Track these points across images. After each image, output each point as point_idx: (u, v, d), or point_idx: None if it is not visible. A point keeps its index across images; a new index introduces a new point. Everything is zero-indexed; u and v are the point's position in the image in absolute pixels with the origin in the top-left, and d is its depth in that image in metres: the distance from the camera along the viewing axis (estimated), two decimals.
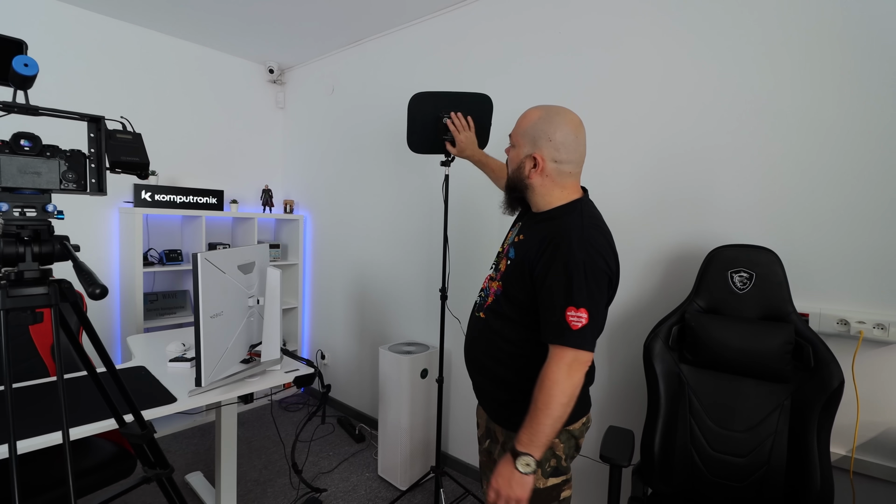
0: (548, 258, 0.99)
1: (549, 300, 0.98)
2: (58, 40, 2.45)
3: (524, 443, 0.95)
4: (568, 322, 0.94)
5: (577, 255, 0.97)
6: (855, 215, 1.35)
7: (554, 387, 0.94)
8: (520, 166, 1.09)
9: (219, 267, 1.38)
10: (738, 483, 1.28)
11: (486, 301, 1.16)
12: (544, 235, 1.03)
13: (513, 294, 1.08)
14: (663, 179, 1.70)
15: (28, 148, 0.86)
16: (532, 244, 1.05)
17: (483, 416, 1.26)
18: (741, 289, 1.36)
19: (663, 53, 1.69)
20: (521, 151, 1.09)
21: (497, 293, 1.13)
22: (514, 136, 1.12)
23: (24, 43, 0.91)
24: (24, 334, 1.68)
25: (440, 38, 2.42)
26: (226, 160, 3.20)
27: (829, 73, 1.39)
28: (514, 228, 1.21)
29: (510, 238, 1.19)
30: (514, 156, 1.12)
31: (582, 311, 0.94)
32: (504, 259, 1.15)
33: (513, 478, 0.95)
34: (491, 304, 1.14)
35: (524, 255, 1.06)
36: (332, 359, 3.18)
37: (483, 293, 1.21)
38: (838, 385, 1.19)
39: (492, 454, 1.23)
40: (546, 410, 0.93)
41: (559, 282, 0.97)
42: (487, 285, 1.20)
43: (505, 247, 1.19)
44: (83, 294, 1.51)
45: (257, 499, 2.11)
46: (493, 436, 1.21)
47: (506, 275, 1.11)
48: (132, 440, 1.12)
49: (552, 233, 1.02)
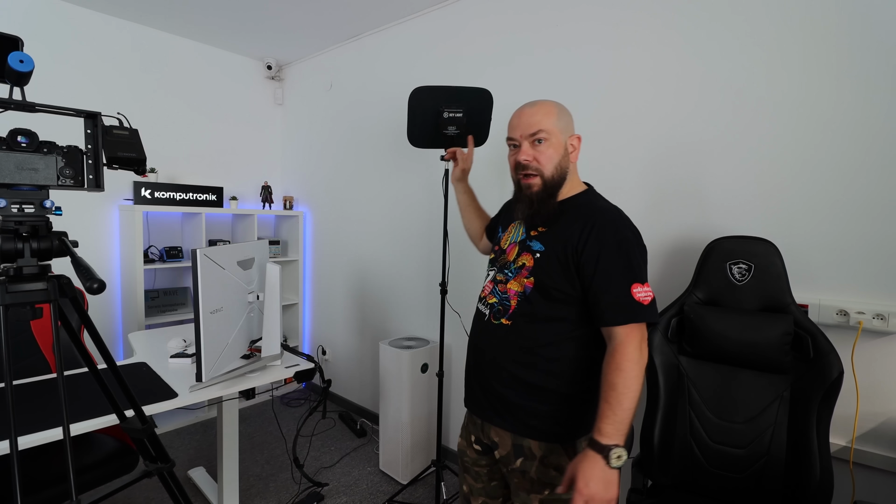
0: (597, 237, 0.97)
1: (609, 282, 0.96)
2: (54, 37, 2.44)
3: (611, 434, 0.89)
4: (637, 299, 0.94)
5: (626, 234, 0.98)
6: (854, 206, 1.35)
7: (633, 367, 0.92)
8: (565, 153, 1.06)
9: (218, 263, 1.38)
10: (737, 474, 1.28)
11: (510, 306, 1.07)
12: (582, 219, 1.01)
13: (554, 287, 1.01)
14: (662, 172, 1.69)
15: (25, 144, 0.86)
16: (568, 229, 1.02)
17: (502, 435, 1.10)
18: (740, 280, 1.36)
19: (661, 46, 1.68)
20: (559, 139, 1.05)
21: (526, 293, 1.04)
22: (548, 129, 1.04)
23: (20, 39, 0.91)
24: (25, 331, 1.68)
25: (439, 33, 2.41)
26: (225, 157, 3.20)
27: (827, 65, 1.38)
28: (518, 224, 1.14)
29: (516, 235, 1.13)
30: (550, 148, 1.05)
31: (647, 286, 0.96)
32: (526, 254, 1.07)
33: (606, 477, 0.88)
34: (519, 308, 1.05)
35: (562, 243, 1.01)
36: (332, 354, 3.19)
37: (499, 298, 1.10)
38: (838, 376, 1.19)
39: (527, 473, 1.07)
40: (628, 394, 0.90)
41: (617, 262, 0.96)
42: (503, 289, 1.09)
43: (512, 244, 1.12)
44: (83, 291, 1.52)
45: (259, 493, 2.13)
46: (525, 453, 1.07)
47: (539, 269, 1.03)
48: (133, 435, 1.13)
49: (590, 215, 1.01)
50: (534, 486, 1.05)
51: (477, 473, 1.21)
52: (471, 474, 1.23)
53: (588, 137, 1.86)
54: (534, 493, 1.06)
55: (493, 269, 1.17)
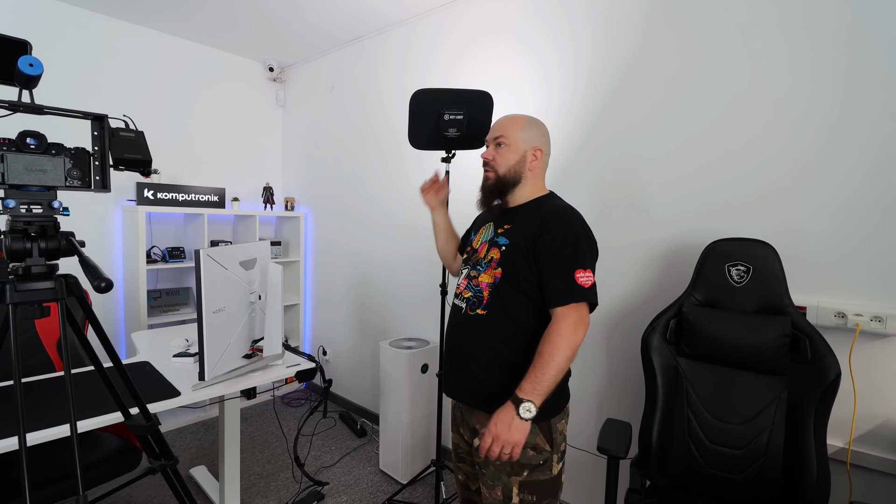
0: (549, 230, 1.11)
1: (557, 266, 1.09)
2: (58, 40, 2.46)
3: (527, 391, 1.02)
4: (578, 282, 1.07)
5: (575, 227, 1.12)
6: (852, 208, 1.36)
7: (561, 340, 1.04)
8: (522, 159, 1.20)
9: (221, 263, 1.39)
10: (734, 475, 1.29)
11: (483, 297, 1.18)
12: (540, 216, 1.15)
13: (518, 274, 1.13)
14: (660, 173, 1.70)
15: (34, 146, 0.87)
16: (528, 224, 1.15)
17: (483, 420, 1.17)
18: (738, 282, 1.37)
19: (663, 48, 1.69)
20: (518, 147, 1.20)
21: (496, 282, 1.16)
22: (508, 136, 1.20)
23: (29, 43, 0.93)
24: (30, 330, 1.70)
25: (440, 36, 2.42)
26: (227, 158, 3.21)
27: (826, 66, 1.39)
28: (487, 226, 1.27)
29: (487, 235, 1.25)
30: (509, 152, 1.20)
31: (588, 272, 1.09)
32: (493, 249, 1.19)
33: (513, 423, 1.01)
34: (491, 298, 1.16)
35: (522, 235, 1.14)
36: (333, 354, 3.20)
37: (473, 291, 1.21)
38: (835, 377, 1.20)
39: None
40: (552, 362, 1.02)
41: (564, 250, 1.09)
42: (475, 283, 1.20)
43: (483, 243, 1.24)
44: (87, 290, 1.54)
45: (260, 492, 2.14)
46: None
47: (505, 260, 1.15)
48: (137, 432, 1.14)
49: (546, 212, 1.15)
50: (513, 467, 1.12)
51: (472, 462, 1.29)
52: (467, 462, 1.32)
53: (588, 140, 1.87)
54: (514, 476, 1.13)
55: (466, 267, 1.28)
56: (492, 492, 1.15)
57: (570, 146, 1.92)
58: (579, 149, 1.90)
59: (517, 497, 1.12)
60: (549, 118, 1.94)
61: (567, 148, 1.92)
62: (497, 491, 1.14)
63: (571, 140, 1.92)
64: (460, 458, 1.34)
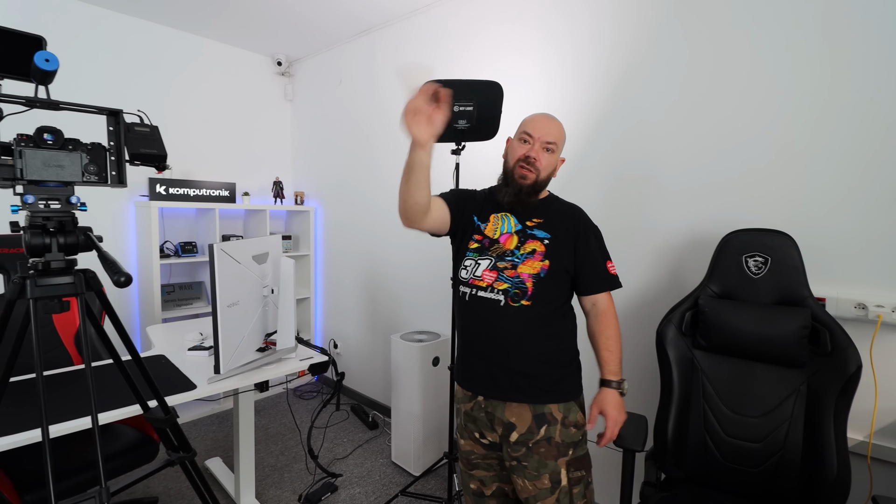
0: (584, 226, 1.25)
1: (594, 259, 1.23)
2: (72, 37, 2.48)
3: (616, 371, 1.19)
4: (612, 272, 1.24)
5: (594, 224, 1.28)
6: (873, 197, 1.33)
7: (616, 321, 1.23)
8: (555, 168, 1.27)
9: (234, 257, 1.40)
10: (752, 468, 1.28)
11: (527, 289, 1.17)
12: (568, 212, 1.27)
13: (563, 266, 1.21)
14: (676, 165, 1.68)
15: (51, 142, 0.88)
16: (564, 221, 1.25)
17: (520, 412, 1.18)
18: (756, 273, 1.35)
19: (685, 40, 1.66)
20: (557, 156, 1.27)
21: (541, 275, 1.18)
22: (558, 145, 1.25)
23: (44, 39, 0.93)
24: (48, 324, 1.73)
25: (448, 27, 2.40)
26: (237, 153, 3.23)
27: (843, 55, 1.35)
28: (503, 217, 1.27)
29: (506, 226, 1.25)
30: (553, 159, 1.25)
31: (612, 262, 1.26)
32: (532, 241, 1.22)
33: (622, 403, 1.17)
34: (536, 289, 1.18)
35: (563, 229, 1.23)
36: (344, 348, 3.22)
37: (512, 283, 1.17)
38: (856, 370, 1.18)
39: (552, 438, 1.17)
40: (619, 340, 1.21)
41: (599, 243, 1.25)
42: (513, 274, 1.18)
43: (507, 234, 1.24)
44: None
45: (275, 483, 2.17)
46: (548, 419, 1.17)
47: (552, 252, 1.20)
48: (157, 424, 1.16)
49: (571, 209, 1.29)
50: (560, 449, 1.17)
51: (489, 465, 1.29)
52: (481, 468, 1.30)
53: (602, 134, 1.85)
54: (560, 458, 1.17)
55: (486, 259, 1.22)
56: (537, 482, 1.16)
57: (583, 137, 1.89)
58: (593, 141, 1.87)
59: (565, 478, 1.16)
60: (562, 108, 1.91)
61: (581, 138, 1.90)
62: (544, 479, 1.15)
63: (587, 131, 1.89)
64: (473, 465, 1.30)
